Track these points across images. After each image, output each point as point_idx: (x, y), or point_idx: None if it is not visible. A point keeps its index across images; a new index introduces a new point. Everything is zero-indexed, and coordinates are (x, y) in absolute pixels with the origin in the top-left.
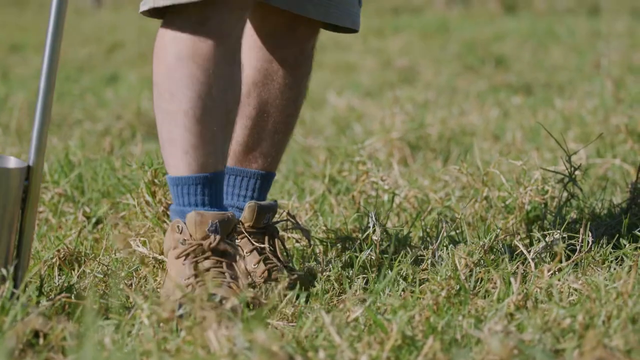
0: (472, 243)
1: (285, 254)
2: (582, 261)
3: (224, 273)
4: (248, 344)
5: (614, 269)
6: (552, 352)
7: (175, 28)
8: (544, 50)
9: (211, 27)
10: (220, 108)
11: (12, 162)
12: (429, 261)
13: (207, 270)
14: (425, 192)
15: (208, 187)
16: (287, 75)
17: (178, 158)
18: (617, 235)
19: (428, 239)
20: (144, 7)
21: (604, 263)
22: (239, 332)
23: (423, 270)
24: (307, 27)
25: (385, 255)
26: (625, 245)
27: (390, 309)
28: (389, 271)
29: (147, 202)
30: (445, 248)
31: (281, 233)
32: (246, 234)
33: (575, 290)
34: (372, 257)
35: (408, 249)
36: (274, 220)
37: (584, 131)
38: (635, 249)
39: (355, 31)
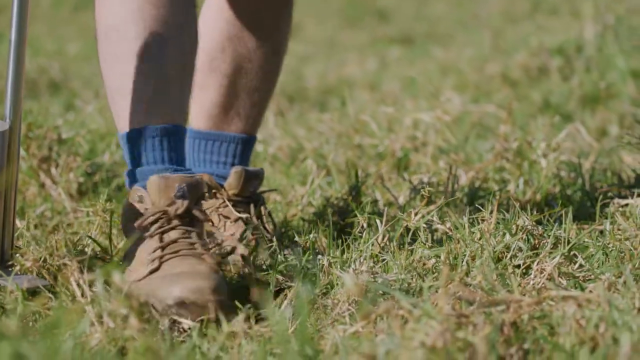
0: (342, 189)
1: (272, 225)
2: (449, 205)
3: (194, 244)
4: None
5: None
6: (413, 290)
7: None
8: (425, 3)
9: None
10: (175, 48)
11: None
12: (299, 207)
13: (175, 241)
14: (299, 141)
15: (167, 140)
16: (265, 29)
17: (132, 109)
18: (486, 179)
19: (300, 186)
20: None
21: (470, 206)
22: (98, 276)
23: (293, 215)
24: None
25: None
26: (492, 188)
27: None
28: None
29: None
30: (314, 194)
31: None
32: (228, 202)
33: (445, 233)
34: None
35: (279, 196)
36: (261, 189)
37: (461, 80)
38: (500, 190)
39: None
